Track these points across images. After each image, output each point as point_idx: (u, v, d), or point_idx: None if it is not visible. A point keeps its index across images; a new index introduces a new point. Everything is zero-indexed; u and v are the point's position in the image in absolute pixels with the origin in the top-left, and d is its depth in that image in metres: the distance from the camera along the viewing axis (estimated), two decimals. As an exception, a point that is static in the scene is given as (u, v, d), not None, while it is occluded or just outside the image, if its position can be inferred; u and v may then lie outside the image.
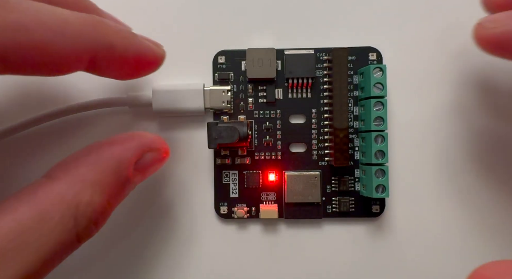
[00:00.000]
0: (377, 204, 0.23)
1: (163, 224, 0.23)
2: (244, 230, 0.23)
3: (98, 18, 0.15)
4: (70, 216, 0.15)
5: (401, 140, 0.23)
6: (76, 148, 0.23)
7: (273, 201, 0.23)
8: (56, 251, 0.15)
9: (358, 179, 0.23)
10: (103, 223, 0.17)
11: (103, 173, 0.16)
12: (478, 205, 0.23)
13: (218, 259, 0.23)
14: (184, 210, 0.23)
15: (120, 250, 0.23)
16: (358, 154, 0.23)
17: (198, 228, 0.23)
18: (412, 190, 0.23)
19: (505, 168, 0.23)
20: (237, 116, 0.23)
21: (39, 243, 0.14)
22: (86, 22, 0.15)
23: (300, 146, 0.23)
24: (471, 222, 0.23)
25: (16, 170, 0.23)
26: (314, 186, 0.22)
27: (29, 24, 0.13)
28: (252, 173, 0.23)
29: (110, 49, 0.15)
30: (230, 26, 0.23)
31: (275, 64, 0.22)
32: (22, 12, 0.13)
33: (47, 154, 0.23)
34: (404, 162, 0.23)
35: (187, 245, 0.23)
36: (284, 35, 0.23)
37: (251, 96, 0.23)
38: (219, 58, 0.23)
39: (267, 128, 0.23)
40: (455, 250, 0.23)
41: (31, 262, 0.14)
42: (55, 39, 0.14)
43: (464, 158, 0.23)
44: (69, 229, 0.15)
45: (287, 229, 0.23)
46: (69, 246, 0.15)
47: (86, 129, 0.23)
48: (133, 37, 0.17)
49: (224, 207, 0.23)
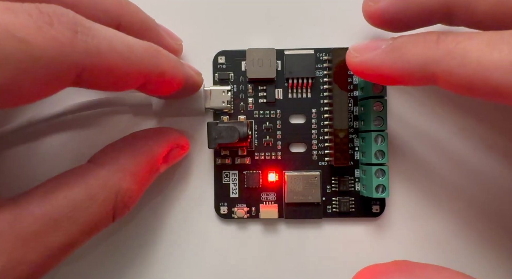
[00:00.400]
0: (377, 204, 0.23)
1: (163, 224, 0.23)
2: (244, 230, 0.23)
3: (155, 46, 0.17)
4: (111, 199, 0.18)
5: (401, 140, 0.23)
6: (77, 147, 0.23)
7: (273, 201, 0.23)
8: (96, 226, 0.18)
9: (358, 179, 0.23)
10: (133, 205, 0.19)
11: (139, 164, 0.19)
12: (478, 204, 0.23)
13: (218, 259, 0.23)
14: (184, 210, 0.23)
15: (120, 250, 0.23)
16: (358, 154, 0.23)
17: (198, 228, 0.23)
18: (412, 190, 0.23)
19: (505, 167, 0.23)
20: (237, 116, 0.23)
21: (85, 218, 0.17)
22: (147, 50, 0.17)
23: (300, 146, 0.23)
24: (471, 222, 0.23)
25: (17, 170, 0.23)
26: (314, 186, 0.22)
27: (104, 50, 0.15)
28: (252, 173, 0.23)
29: (162, 75, 0.17)
30: (230, 27, 0.23)
31: (275, 64, 0.22)
32: (101, 39, 0.15)
33: (47, 153, 0.23)
34: (404, 161, 0.23)
35: (187, 245, 0.23)
36: (284, 35, 0.23)
37: (251, 96, 0.23)
38: (219, 58, 0.23)
39: (267, 129, 0.23)
40: (455, 250, 0.23)
41: (76, 233, 0.17)
42: (122, 63, 0.16)
43: (464, 158, 0.23)
44: (108, 210, 0.18)
45: (287, 229, 0.23)
46: (106, 223, 0.18)
47: (86, 129, 0.23)
48: (180, 66, 0.19)
49: (224, 207, 0.23)
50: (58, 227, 0.16)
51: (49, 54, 0.13)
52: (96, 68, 0.15)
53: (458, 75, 0.15)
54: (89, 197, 0.17)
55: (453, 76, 0.15)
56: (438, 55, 0.16)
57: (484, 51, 0.15)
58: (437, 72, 0.16)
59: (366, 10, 0.20)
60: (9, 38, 0.13)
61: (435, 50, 0.16)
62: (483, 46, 0.15)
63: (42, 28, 0.13)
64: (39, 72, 0.13)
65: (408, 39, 0.17)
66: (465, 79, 0.15)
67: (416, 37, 0.17)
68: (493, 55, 0.14)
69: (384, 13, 0.19)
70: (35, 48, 0.13)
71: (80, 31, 0.14)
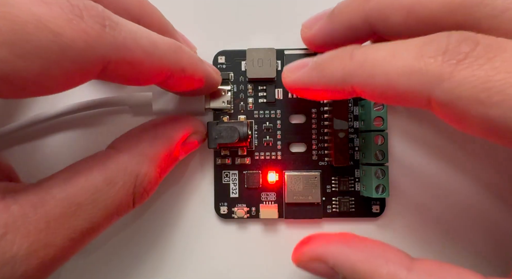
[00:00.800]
0: (377, 204, 0.23)
1: (164, 224, 0.23)
2: (244, 230, 0.23)
3: (178, 44, 0.18)
4: (131, 183, 0.18)
5: (401, 140, 0.23)
6: (77, 147, 0.23)
7: (273, 201, 0.23)
8: (117, 211, 0.18)
9: (358, 179, 0.23)
10: (153, 192, 0.20)
11: (158, 149, 0.19)
12: (478, 204, 0.23)
13: (218, 259, 0.23)
14: (184, 210, 0.23)
15: (120, 250, 0.23)
16: (358, 154, 0.23)
17: (198, 228, 0.23)
18: (412, 190, 0.23)
19: (505, 167, 0.23)
20: (237, 116, 0.23)
21: (106, 202, 0.17)
22: (170, 47, 0.17)
23: (300, 146, 0.23)
24: (471, 222, 0.23)
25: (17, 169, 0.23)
26: (314, 186, 0.22)
27: (130, 44, 0.15)
28: (252, 173, 0.23)
29: (182, 71, 0.18)
30: (230, 27, 0.23)
31: (275, 64, 0.22)
32: (127, 33, 0.15)
33: (48, 153, 0.23)
34: (404, 161, 0.23)
35: (187, 245, 0.23)
36: (284, 35, 0.23)
37: (251, 96, 0.23)
38: (219, 58, 0.23)
39: (267, 128, 0.23)
40: (455, 250, 0.23)
41: (98, 217, 0.17)
42: (146, 58, 0.16)
43: (464, 157, 0.23)
44: (129, 194, 0.18)
45: (287, 229, 0.23)
46: (126, 208, 0.18)
47: (86, 129, 0.23)
48: (201, 63, 0.19)
49: (224, 207, 0.23)
50: (80, 211, 0.16)
51: (78, 46, 0.14)
52: (122, 62, 0.15)
53: (370, 86, 0.16)
54: (109, 181, 0.17)
55: (367, 87, 0.16)
56: (352, 69, 0.16)
57: (389, 61, 0.15)
58: (354, 85, 0.16)
59: (303, 37, 0.21)
60: (43, 30, 0.13)
61: (349, 64, 0.17)
62: (388, 56, 0.15)
63: (72, 20, 0.14)
64: (68, 64, 0.14)
65: (327, 55, 0.18)
66: (378, 89, 0.16)
67: (335, 53, 0.18)
68: (397, 63, 0.15)
69: (317, 38, 0.20)
70: (66, 40, 0.13)
71: (108, 25, 0.15)
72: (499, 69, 0.13)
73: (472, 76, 0.14)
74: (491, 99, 0.13)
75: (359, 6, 0.19)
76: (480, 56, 0.14)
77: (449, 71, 0.14)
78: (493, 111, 0.13)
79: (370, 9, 0.18)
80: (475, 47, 0.14)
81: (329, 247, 0.18)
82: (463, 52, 0.14)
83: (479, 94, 0.14)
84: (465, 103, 0.14)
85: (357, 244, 0.18)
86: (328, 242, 0.18)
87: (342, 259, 0.17)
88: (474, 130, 0.15)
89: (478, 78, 0.14)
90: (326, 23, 0.20)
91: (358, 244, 0.18)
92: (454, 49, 0.14)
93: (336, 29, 0.20)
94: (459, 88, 0.14)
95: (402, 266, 0.16)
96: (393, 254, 0.17)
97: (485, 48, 0.14)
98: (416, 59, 0.15)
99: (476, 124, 0.14)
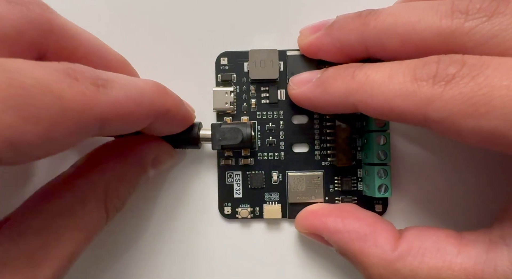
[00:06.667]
0: (379, 204, 0.23)
1: (168, 225, 0.23)
2: (248, 230, 0.23)
3: (160, 85, 0.18)
4: (101, 201, 0.18)
5: (403, 140, 0.23)
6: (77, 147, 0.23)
7: (276, 201, 0.23)
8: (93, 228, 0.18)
9: (360, 179, 0.23)
10: (122, 207, 0.20)
11: (126, 166, 0.20)
12: (480, 204, 0.23)
13: (222, 259, 0.23)
14: (188, 210, 0.23)
15: (123, 250, 0.23)
16: (360, 154, 0.23)
17: (202, 229, 0.23)
18: (414, 189, 0.23)
19: (505, 167, 0.23)
20: (240, 117, 0.23)
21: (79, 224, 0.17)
22: (154, 91, 0.18)
23: (303, 146, 0.23)
24: (474, 222, 0.23)
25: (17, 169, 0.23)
26: (317, 186, 0.22)
27: (122, 99, 0.16)
28: (256, 173, 0.23)
29: (166, 113, 0.18)
30: (232, 28, 0.23)
31: (277, 65, 0.23)
32: (117, 89, 0.16)
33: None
34: (406, 161, 0.23)
35: (191, 246, 0.23)
36: (286, 36, 0.23)
37: (254, 97, 0.23)
38: (221, 60, 0.23)
39: (270, 129, 0.23)
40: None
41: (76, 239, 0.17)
42: (135, 108, 0.16)
43: (466, 157, 0.23)
44: (101, 213, 0.18)
45: (291, 229, 0.23)
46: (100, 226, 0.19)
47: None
48: (181, 104, 0.20)
49: (228, 208, 0.23)
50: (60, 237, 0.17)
51: (78, 107, 0.14)
52: (116, 118, 0.16)
53: (370, 105, 0.17)
54: (79, 201, 0.18)
55: (368, 106, 0.18)
56: (353, 88, 0.18)
57: (386, 82, 0.17)
58: (355, 103, 0.18)
59: (299, 43, 0.22)
60: (47, 93, 0.13)
61: (351, 84, 0.18)
62: (385, 77, 0.17)
63: (71, 83, 0.14)
64: (70, 125, 0.14)
65: (331, 73, 0.19)
66: (377, 108, 0.17)
67: (338, 71, 0.19)
68: (394, 86, 0.17)
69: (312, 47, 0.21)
70: (68, 102, 0.14)
71: (101, 85, 0.15)
72: (482, 84, 0.15)
73: (459, 94, 0.15)
74: (479, 111, 0.15)
75: (358, 28, 0.19)
76: (465, 75, 0.15)
77: (440, 92, 0.15)
78: (482, 122, 0.15)
79: (368, 33, 0.19)
80: (461, 68, 0.15)
81: (325, 223, 0.20)
82: (451, 73, 0.15)
83: (467, 109, 0.15)
84: (456, 118, 0.15)
85: (352, 221, 0.20)
86: (326, 217, 0.20)
87: (335, 237, 0.20)
88: (472, 142, 0.16)
89: (464, 95, 0.15)
90: (323, 35, 0.21)
91: (352, 221, 0.20)
92: (443, 71, 0.16)
93: (332, 43, 0.20)
94: (449, 105, 0.15)
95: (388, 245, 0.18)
96: (383, 232, 0.19)
97: (469, 68, 0.15)
98: (411, 83, 0.16)
99: (471, 136, 0.15)
